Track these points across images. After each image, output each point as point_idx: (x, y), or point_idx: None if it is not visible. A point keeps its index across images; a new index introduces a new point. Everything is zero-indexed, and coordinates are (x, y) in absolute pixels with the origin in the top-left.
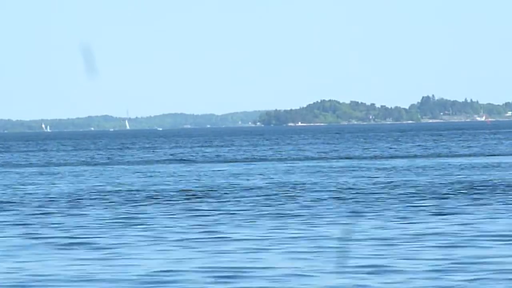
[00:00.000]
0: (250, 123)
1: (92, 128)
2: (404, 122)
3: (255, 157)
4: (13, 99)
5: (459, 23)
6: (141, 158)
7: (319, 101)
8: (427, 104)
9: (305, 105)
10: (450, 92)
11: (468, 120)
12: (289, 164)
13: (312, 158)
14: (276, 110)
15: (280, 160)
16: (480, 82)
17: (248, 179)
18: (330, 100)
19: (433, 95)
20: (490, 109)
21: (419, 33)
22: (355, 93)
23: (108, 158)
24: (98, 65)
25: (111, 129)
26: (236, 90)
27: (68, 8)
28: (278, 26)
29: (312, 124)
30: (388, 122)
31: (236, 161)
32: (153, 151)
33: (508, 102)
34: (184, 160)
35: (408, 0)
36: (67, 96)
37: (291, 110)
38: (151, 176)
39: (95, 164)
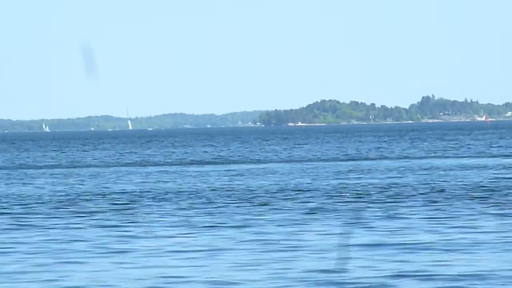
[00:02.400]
0: (250, 123)
1: (92, 128)
2: (404, 122)
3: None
4: (13, 99)
5: (459, 23)
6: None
7: (319, 101)
8: (427, 104)
9: (305, 105)
10: (450, 92)
11: (468, 120)
12: None
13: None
14: (276, 110)
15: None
16: (480, 82)
17: None
18: (330, 100)
19: (433, 95)
20: (490, 109)
21: (419, 33)
22: (355, 93)
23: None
24: (98, 65)
25: (109, 129)
26: (236, 90)
27: (68, 8)
28: (277, 26)
29: (312, 124)
30: (388, 122)
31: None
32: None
33: (508, 102)
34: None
35: (408, 0)
36: (67, 96)
37: (291, 110)
38: None
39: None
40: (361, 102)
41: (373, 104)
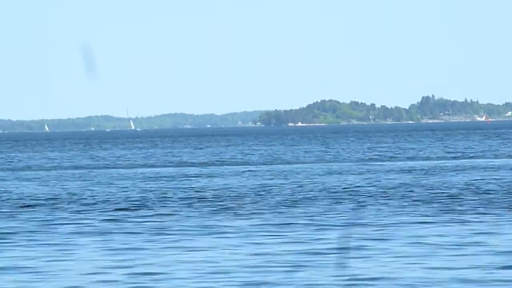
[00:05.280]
0: (250, 123)
1: (92, 128)
2: (404, 122)
3: None
4: (13, 99)
5: (459, 23)
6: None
7: (319, 101)
8: (427, 104)
9: (305, 105)
10: (450, 92)
11: (468, 120)
12: None
13: None
14: (276, 110)
15: None
16: (480, 82)
17: None
18: (330, 100)
19: (433, 95)
20: (490, 109)
21: (419, 33)
22: (355, 93)
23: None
24: (98, 65)
25: (108, 129)
26: (236, 90)
27: (68, 8)
28: (277, 26)
29: (312, 124)
30: (388, 122)
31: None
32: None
33: (508, 102)
34: None
35: (408, 0)
36: (67, 96)
37: (291, 110)
38: None
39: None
40: (361, 102)
41: (373, 104)
